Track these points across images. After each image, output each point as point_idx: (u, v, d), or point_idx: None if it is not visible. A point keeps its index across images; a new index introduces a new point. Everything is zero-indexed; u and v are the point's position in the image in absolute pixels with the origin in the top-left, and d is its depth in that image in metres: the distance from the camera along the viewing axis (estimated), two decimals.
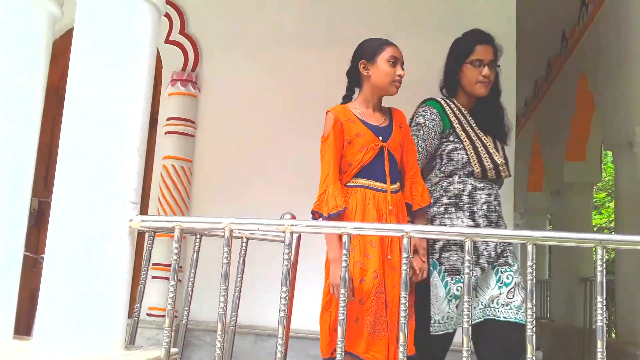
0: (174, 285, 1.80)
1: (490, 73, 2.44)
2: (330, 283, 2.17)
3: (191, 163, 4.23)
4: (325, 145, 2.28)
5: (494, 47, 2.49)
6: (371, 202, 2.23)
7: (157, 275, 3.98)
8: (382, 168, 2.28)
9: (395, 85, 2.33)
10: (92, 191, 1.79)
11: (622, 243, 1.66)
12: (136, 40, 1.89)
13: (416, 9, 4.16)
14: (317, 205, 2.20)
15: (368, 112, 2.36)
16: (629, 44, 4.60)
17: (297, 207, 2.60)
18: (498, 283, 2.35)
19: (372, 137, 2.28)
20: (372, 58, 2.34)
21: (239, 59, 4.30)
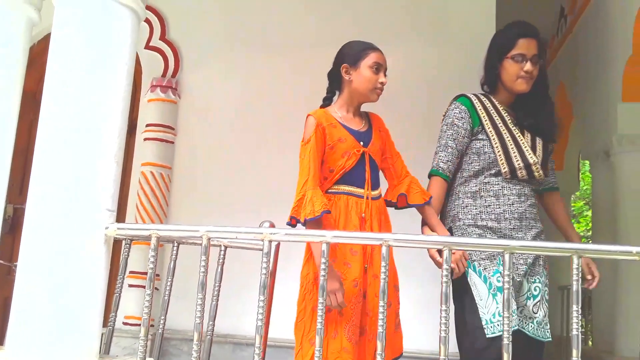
0: (150, 294, 1.78)
1: (533, 68, 2.29)
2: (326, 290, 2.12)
3: (170, 170, 4.19)
4: (305, 150, 2.20)
5: (538, 40, 2.32)
6: (353, 210, 2.19)
7: (134, 284, 3.93)
8: (363, 174, 2.23)
9: (377, 92, 2.28)
10: (68, 198, 1.76)
11: (598, 252, 1.68)
12: (114, 46, 1.87)
13: (397, 16, 4.18)
14: (294, 211, 2.13)
15: (348, 117, 2.31)
16: (606, 55, 4.68)
17: (277, 215, 2.59)
18: (527, 293, 2.25)
19: (354, 143, 2.23)
20: (355, 62, 2.28)
21: (220, 65, 4.29)
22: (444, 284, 1.61)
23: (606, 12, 4.68)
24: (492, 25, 4.01)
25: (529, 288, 2.25)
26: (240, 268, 3.01)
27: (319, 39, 4.19)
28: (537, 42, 2.31)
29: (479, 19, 4.04)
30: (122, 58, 1.89)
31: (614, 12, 4.49)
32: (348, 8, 4.22)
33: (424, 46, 4.04)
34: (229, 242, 2.21)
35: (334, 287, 2.04)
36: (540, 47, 2.32)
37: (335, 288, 2.04)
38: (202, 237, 1.73)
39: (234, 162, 4.16)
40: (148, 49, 4.30)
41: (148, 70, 4.30)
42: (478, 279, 2.20)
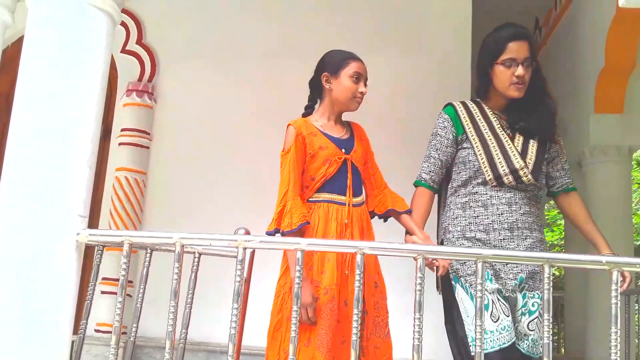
0: (121, 302, 1.76)
1: (525, 72, 2.19)
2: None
3: (145, 175, 4.15)
4: (285, 159, 2.22)
5: (529, 41, 2.22)
6: (333, 217, 2.19)
7: (107, 290, 3.88)
8: (344, 181, 2.24)
9: (357, 101, 2.29)
10: (39, 203, 1.73)
11: (569, 262, 1.70)
12: (89, 49, 1.85)
13: (373, 26, 4.20)
14: (275, 222, 2.15)
15: (329, 125, 2.32)
16: (579, 67, 4.76)
17: (253, 222, 2.58)
18: (523, 308, 2.13)
19: (335, 150, 2.24)
20: (335, 71, 2.29)
21: (196, 71, 4.27)
22: (417, 292, 1.61)
23: (579, 24, 4.77)
24: (468, 36, 4.07)
25: (525, 303, 2.13)
26: (215, 275, 2.99)
27: (293, 48, 4.20)
28: (529, 43, 2.22)
29: (455, 30, 4.10)
30: (97, 62, 1.86)
31: (587, 24, 4.57)
32: (322, 18, 4.24)
33: (400, 57, 4.07)
34: (203, 249, 2.19)
35: (306, 302, 2.06)
36: (532, 49, 2.23)
37: (306, 302, 2.06)
38: (175, 244, 1.71)
39: (210, 167, 4.14)
40: (124, 53, 4.27)
41: (124, 75, 4.27)
42: (465, 295, 2.16)
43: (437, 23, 4.16)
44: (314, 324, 2.09)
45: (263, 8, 4.30)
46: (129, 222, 4.00)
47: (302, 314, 2.06)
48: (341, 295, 2.16)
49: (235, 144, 4.16)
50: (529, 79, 2.22)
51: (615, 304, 1.63)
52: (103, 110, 1.94)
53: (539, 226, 2.22)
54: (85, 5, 1.83)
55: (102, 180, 4.13)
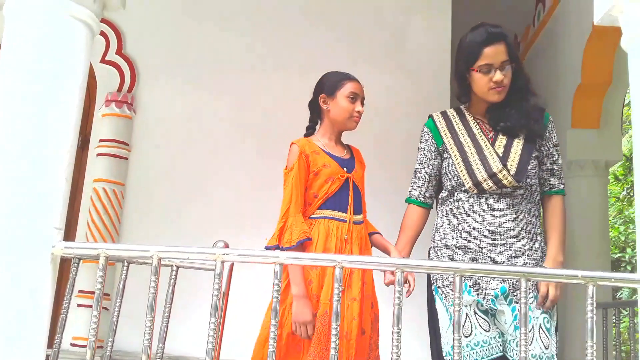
0: (96, 316, 1.73)
1: (503, 77, 2.13)
2: (293, 321, 2.13)
3: (123, 186, 4.11)
4: (288, 177, 2.28)
5: (506, 42, 2.15)
6: (333, 233, 2.24)
7: (84, 304, 3.82)
8: (346, 198, 2.30)
9: (354, 120, 2.37)
10: (13, 215, 1.70)
11: (545, 276, 1.71)
12: (66, 60, 1.83)
13: (352, 43, 4.24)
14: (277, 237, 2.21)
15: (331, 144, 2.40)
16: (556, 82, 4.83)
17: (232, 235, 2.57)
18: (515, 322, 2.01)
19: (338, 168, 2.32)
20: (332, 92, 2.37)
21: (177, 82, 4.25)
22: (396, 306, 1.61)
23: (557, 41, 4.85)
24: (448, 53, 4.12)
25: (515, 316, 2.02)
26: (194, 288, 2.97)
27: (274, 63, 4.22)
28: (505, 44, 2.15)
29: (434, 46, 4.16)
30: (75, 73, 1.84)
31: (564, 41, 4.65)
32: (303, 34, 4.26)
33: (380, 72, 4.09)
34: (181, 262, 2.17)
35: (305, 319, 2.11)
36: (509, 49, 2.17)
37: (306, 320, 2.11)
38: (152, 257, 1.69)
39: (189, 179, 4.12)
40: (104, 63, 4.24)
41: (103, 85, 4.23)
42: (442, 308, 2.15)
43: (417, 39, 4.21)
44: (310, 339, 2.13)
45: (245, 22, 4.31)
46: (107, 234, 3.95)
47: (302, 331, 2.11)
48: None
49: (215, 156, 4.14)
50: (510, 79, 2.17)
51: (590, 318, 1.64)
52: (80, 122, 1.92)
53: (530, 233, 2.10)
54: (63, 15, 1.81)
55: (80, 191, 4.08)
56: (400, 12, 4.28)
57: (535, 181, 2.16)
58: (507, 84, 2.17)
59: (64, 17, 1.81)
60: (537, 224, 2.11)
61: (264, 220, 3.96)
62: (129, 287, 2.21)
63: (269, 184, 4.04)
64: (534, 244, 2.09)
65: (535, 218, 2.12)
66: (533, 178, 2.15)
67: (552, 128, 2.25)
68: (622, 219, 9.52)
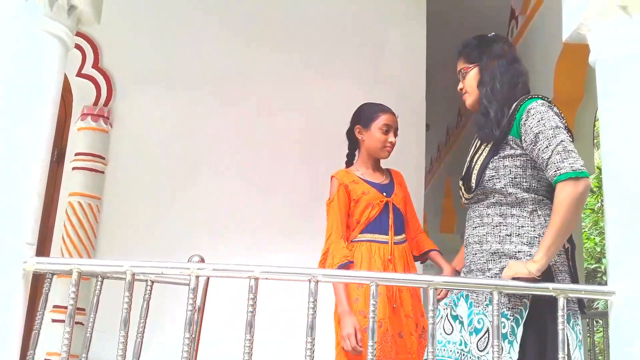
0: (69, 332, 1.72)
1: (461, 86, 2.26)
2: (341, 335, 2.26)
3: (99, 200, 4.07)
4: (330, 208, 2.48)
5: (462, 52, 2.30)
6: (377, 254, 2.39)
7: (58, 319, 3.76)
8: (387, 221, 2.46)
9: (387, 150, 2.53)
10: None
11: (517, 288, 1.74)
12: (40, 74, 1.83)
13: (332, 55, 4.27)
14: (320, 263, 2.39)
15: (369, 172, 2.57)
16: None
17: (209, 249, 2.56)
18: (469, 327, 1.97)
19: (376, 194, 2.48)
20: (367, 124, 2.54)
21: (154, 96, 4.23)
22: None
23: (530, 57, 4.93)
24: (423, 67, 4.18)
25: (470, 321, 1.97)
26: (170, 303, 2.94)
27: (251, 75, 4.23)
28: (461, 54, 2.29)
29: (410, 60, 4.21)
30: (48, 87, 1.84)
31: (536, 57, 4.73)
32: (280, 47, 4.28)
33: (356, 86, 4.13)
34: (156, 276, 2.16)
35: (348, 332, 2.22)
36: (466, 55, 2.27)
37: (349, 332, 2.22)
38: (126, 272, 1.69)
39: (166, 194, 4.09)
40: (80, 77, 4.20)
41: (79, 98, 4.19)
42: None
43: (393, 53, 4.26)
44: (359, 354, 2.22)
45: (221, 35, 4.31)
46: (82, 248, 3.90)
47: (346, 345, 2.22)
48: (394, 328, 2.32)
49: (192, 170, 4.13)
50: (473, 86, 2.19)
51: (562, 330, 1.67)
52: (55, 136, 1.91)
53: (499, 236, 1.99)
54: (36, 30, 1.81)
55: (55, 205, 4.03)
56: (376, 24, 4.33)
57: (504, 182, 2.02)
58: (469, 91, 2.23)
59: (37, 32, 1.81)
60: (516, 223, 1.98)
61: (242, 234, 3.99)
62: (105, 302, 2.19)
63: (248, 198, 4.05)
64: (502, 246, 1.97)
65: (510, 218, 2.00)
66: (497, 182, 2.03)
67: (527, 119, 2.03)
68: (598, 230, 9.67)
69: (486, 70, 2.17)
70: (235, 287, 2.52)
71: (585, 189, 1.88)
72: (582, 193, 1.87)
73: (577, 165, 1.88)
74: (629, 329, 1.65)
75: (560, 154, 1.91)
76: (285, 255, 3.77)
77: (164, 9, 4.35)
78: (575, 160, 1.90)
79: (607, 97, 1.87)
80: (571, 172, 1.87)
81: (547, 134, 1.96)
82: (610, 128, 1.85)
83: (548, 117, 2.00)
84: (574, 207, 1.86)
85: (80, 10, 1.92)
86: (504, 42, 2.26)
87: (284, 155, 4.10)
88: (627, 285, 1.70)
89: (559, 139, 1.94)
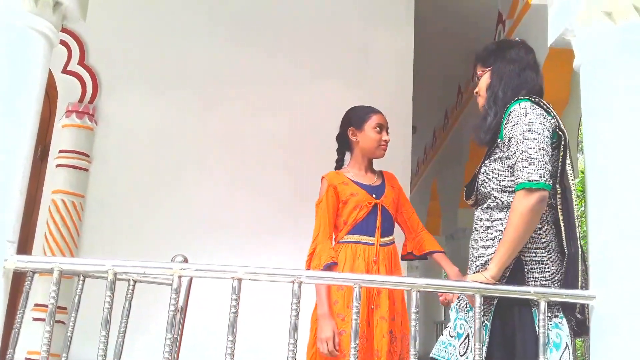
0: (49, 331, 1.70)
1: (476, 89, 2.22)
2: (317, 337, 2.28)
3: (83, 198, 4.04)
4: (318, 208, 2.50)
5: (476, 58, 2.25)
6: (361, 256, 2.42)
7: (40, 317, 3.73)
8: (374, 223, 2.48)
9: (382, 148, 2.57)
10: None
11: (499, 292, 1.74)
12: (23, 71, 1.81)
13: (319, 56, 4.27)
14: (307, 263, 2.42)
15: (360, 174, 2.59)
16: None
17: (193, 249, 2.55)
18: (453, 332, 1.99)
19: (365, 196, 2.50)
20: (360, 125, 2.57)
21: (140, 94, 4.21)
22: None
23: None
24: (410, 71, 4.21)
25: (455, 325, 1.99)
26: (153, 303, 2.92)
27: (238, 77, 4.22)
28: (475, 60, 2.23)
29: (397, 63, 4.25)
30: (31, 84, 1.82)
31: None
32: (269, 48, 4.28)
33: (344, 88, 4.14)
34: (138, 276, 2.15)
35: (327, 335, 2.25)
36: (480, 59, 2.22)
37: (327, 336, 2.24)
38: (108, 271, 1.67)
39: (151, 193, 4.07)
40: (65, 73, 4.17)
41: (64, 95, 4.16)
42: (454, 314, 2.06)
43: (380, 56, 4.27)
44: (336, 357, 2.25)
45: (208, 35, 4.30)
46: (65, 246, 3.87)
47: (323, 348, 2.24)
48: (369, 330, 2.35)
49: (177, 170, 4.11)
50: (484, 89, 2.15)
51: (542, 333, 1.68)
52: (38, 133, 1.89)
53: (486, 240, 1.98)
54: (20, 26, 1.79)
55: (38, 202, 3.99)
56: (364, 27, 4.34)
57: (492, 186, 2.01)
58: (480, 94, 2.18)
59: (21, 28, 1.79)
60: (500, 227, 1.94)
61: (227, 234, 3.98)
62: (87, 301, 2.17)
63: (234, 198, 4.04)
64: (486, 250, 1.96)
65: (497, 222, 1.98)
66: (487, 185, 2.03)
67: (507, 122, 2.00)
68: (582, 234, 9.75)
69: (496, 74, 2.14)
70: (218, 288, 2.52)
71: (538, 201, 1.83)
72: (535, 205, 1.83)
73: (534, 176, 1.84)
74: (609, 333, 1.66)
75: (523, 162, 1.87)
76: (271, 256, 3.77)
77: (152, 7, 4.33)
78: (536, 169, 1.84)
79: (591, 102, 1.88)
80: (526, 182, 1.83)
81: (517, 139, 1.93)
82: (593, 132, 1.86)
83: (523, 122, 1.94)
84: (524, 218, 1.82)
85: (66, 7, 1.90)
86: (522, 48, 2.19)
87: (270, 156, 4.10)
88: (609, 289, 1.71)
89: (525, 146, 1.89)
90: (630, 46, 1.80)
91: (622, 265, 1.70)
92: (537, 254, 1.92)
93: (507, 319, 1.86)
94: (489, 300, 1.85)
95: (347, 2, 4.37)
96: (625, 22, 1.82)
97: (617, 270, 1.70)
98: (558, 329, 1.87)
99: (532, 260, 1.91)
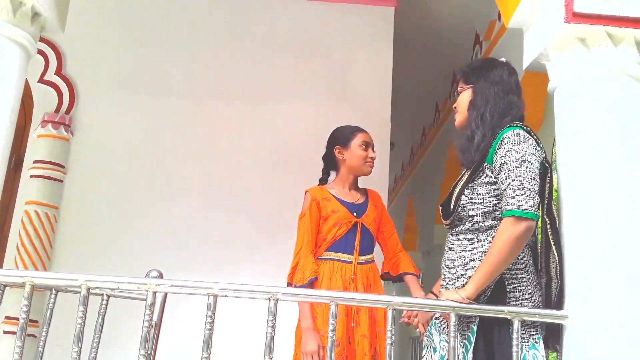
0: (20, 346, 1.67)
1: (454, 105, 2.22)
2: (302, 351, 2.29)
3: (57, 210, 3.97)
4: (301, 222, 2.53)
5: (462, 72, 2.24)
6: (338, 273, 2.44)
7: (10, 330, 3.65)
8: (352, 241, 2.51)
9: (369, 165, 2.62)
10: None
11: (475, 310, 1.76)
12: None
13: (298, 73, 4.29)
14: (289, 276, 2.44)
15: (344, 192, 2.62)
16: None
17: (169, 263, 2.53)
18: (435, 354, 1.99)
19: (346, 214, 2.53)
20: (346, 144, 2.61)
21: (117, 105, 4.18)
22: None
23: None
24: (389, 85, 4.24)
25: (435, 348, 1.99)
26: (127, 318, 2.88)
27: (218, 89, 4.22)
28: (461, 73, 2.25)
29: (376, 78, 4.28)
30: (7, 93, 1.80)
31: None
32: (248, 61, 4.28)
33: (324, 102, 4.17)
34: (112, 291, 2.12)
35: (312, 349, 2.27)
36: (465, 75, 2.21)
37: (312, 350, 2.27)
38: (81, 286, 1.65)
39: (126, 206, 4.02)
40: (42, 83, 4.13)
41: (40, 105, 4.11)
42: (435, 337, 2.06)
43: (359, 73, 4.31)
44: None
45: (188, 47, 4.30)
46: (37, 258, 3.79)
47: (305, 358, 2.27)
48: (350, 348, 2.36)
49: (153, 182, 4.07)
50: (464, 106, 2.16)
51: (515, 352, 1.70)
52: (12, 143, 1.87)
53: (464, 261, 1.98)
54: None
55: (11, 213, 3.92)
56: (344, 44, 4.37)
57: (476, 210, 2.00)
58: (459, 110, 2.19)
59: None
60: (480, 248, 1.95)
61: (204, 250, 3.94)
62: (59, 314, 2.14)
63: (211, 213, 4.01)
64: (466, 272, 1.95)
65: (476, 243, 1.98)
66: (470, 209, 2.02)
67: (499, 148, 2.00)
68: None
69: (480, 94, 2.13)
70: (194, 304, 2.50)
71: (526, 230, 1.84)
72: (522, 233, 1.84)
73: (525, 205, 1.85)
74: (581, 352, 1.69)
75: (514, 189, 1.88)
76: (248, 272, 3.75)
77: (130, 18, 4.32)
78: (526, 199, 1.86)
79: (565, 123, 1.93)
80: (516, 210, 1.84)
81: (510, 165, 1.93)
82: (567, 153, 1.90)
83: (517, 149, 1.95)
84: (510, 245, 1.83)
85: (45, 18, 1.89)
86: (506, 69, 2.18)
87: (248, 171, 4.09)
88: (581, 309, 1.74)
89: (518, 174, 1.90)
90: (603, 71, 1.86)
91: (594, 285, 1.73)
92: (518, 274, 1.93)
93: (489, 338, 1.87)
94: (468, 320, 1.86)
95: (328, 20, 4.40)
96: (598, 48, 1.87)
97: (590, 290, 1.73)
98: (535, 349, 1.87)
99: (514, 280, 1.92)
